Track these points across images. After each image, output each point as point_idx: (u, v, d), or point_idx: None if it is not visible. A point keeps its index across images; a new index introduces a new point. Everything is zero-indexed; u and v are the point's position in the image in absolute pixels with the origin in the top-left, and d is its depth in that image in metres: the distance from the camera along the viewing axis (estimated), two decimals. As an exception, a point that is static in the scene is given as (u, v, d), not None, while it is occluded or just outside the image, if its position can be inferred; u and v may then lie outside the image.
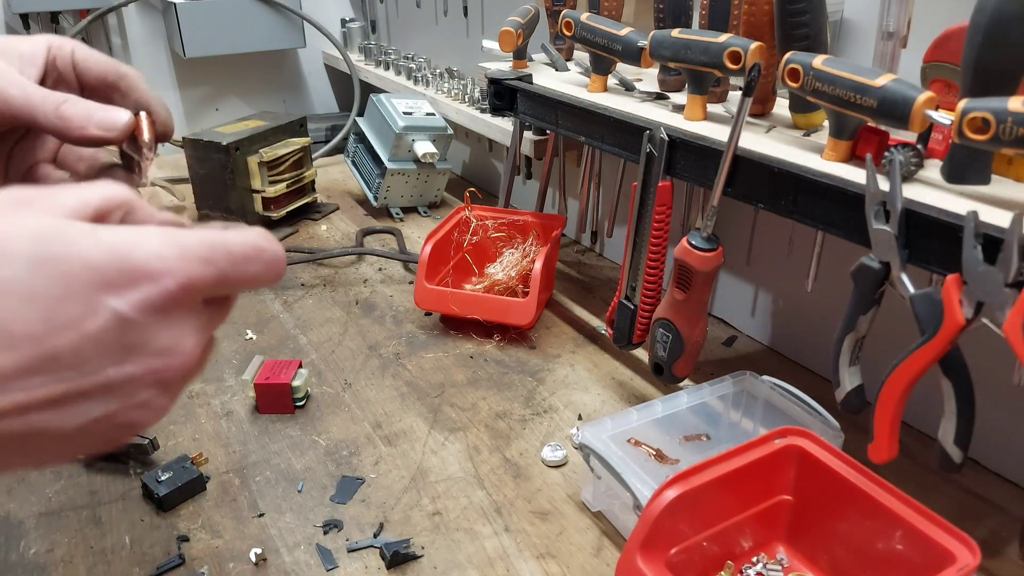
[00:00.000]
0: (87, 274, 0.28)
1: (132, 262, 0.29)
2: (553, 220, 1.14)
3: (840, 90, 0.63)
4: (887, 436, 0.60)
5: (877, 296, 0.62)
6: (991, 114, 0.53)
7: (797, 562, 0.66)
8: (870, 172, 0.60)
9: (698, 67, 0.78)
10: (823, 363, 0.95)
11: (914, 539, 0.57)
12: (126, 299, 0.28)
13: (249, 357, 0.96)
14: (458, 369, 0.99)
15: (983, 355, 0.60)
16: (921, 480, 0.75)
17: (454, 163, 1.72)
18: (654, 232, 0.83)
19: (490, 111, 1.05)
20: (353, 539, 0.72)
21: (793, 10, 0.71)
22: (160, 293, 0.29)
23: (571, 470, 0.80)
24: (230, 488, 0.79)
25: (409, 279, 1.23)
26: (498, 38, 1.02)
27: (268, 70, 2.05)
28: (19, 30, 1.75)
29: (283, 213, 1.41)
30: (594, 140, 0.90)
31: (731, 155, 0.71)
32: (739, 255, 0.99)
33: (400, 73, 1.71)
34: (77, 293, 0.27)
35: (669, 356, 0.82)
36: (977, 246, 0.54)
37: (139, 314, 0.29)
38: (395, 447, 0.84)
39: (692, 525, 0.62)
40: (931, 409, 0.62)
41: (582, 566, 0.68)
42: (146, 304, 0.29)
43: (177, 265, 0.30)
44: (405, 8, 1.82)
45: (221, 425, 0.88)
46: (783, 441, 0.65)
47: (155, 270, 0.29)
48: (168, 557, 0.70)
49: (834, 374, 0.66)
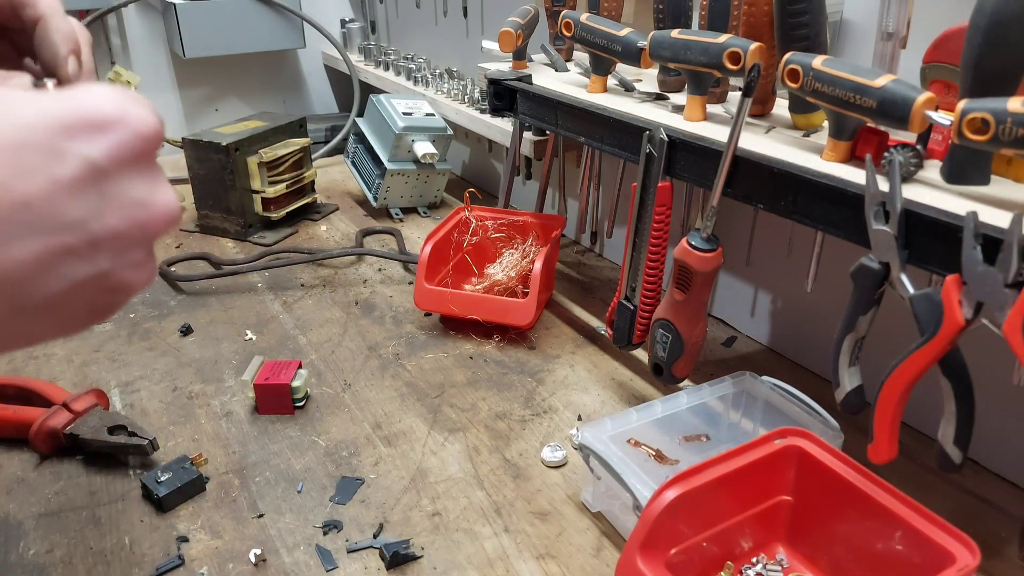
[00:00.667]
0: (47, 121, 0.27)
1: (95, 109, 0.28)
2: (553, 220, 1.14)
3: (840, 91, 0.63)
4: (887, 436, 0.60)
5: (877, 296, 0.62)
6: (991, 115, 0.53)
7: (797, 562, 0.66)
8: (870, 172, 0.60)
9: (698, 67, 0.78)
10: (823, 363, 0.95)
11: (914, 539, 0.57)
12: (95, 145, 0.27)
13: (249, 358, 0.96)
14: (458, 369, 0.99)
15: (983, 355, 0.60)
16: (921, 480, 0.75)
17: (454, 163, 1.72)
18: (654, 232, 0.83)
19: (490, 111, 1.05)
20: (353, 540, 0.72)
21: (793, 10, 0.71)
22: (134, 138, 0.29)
23: (571, 470, 0.80)
24: (230, 489, 0.79)
25: (409, 279, 1.23)
26: (498, 38, 1.02)
27: (268, 70, 2.05)
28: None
29: (283, 213, 1.41)
30: (594, 141, 0.90)
31: (731, 155, 0.71)
32: (739, 255, 0.99)
33: (400, 73, 1.71)
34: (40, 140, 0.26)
35: (669, 356, 0.82)
36: (977, 246, 0.54)
37: (111, 162, 0.28)
38: (395, 447, 0.84)
39: (692, 525, 0.62)
40: (931, 409, 0.62)
41: (582, 567, 0.68)
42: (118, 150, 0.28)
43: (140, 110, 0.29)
44: (405, 8, 1.82)
45: (221, 426, 0.88)
46: (783, 441, 0.65)
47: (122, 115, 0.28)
48: (168, 558, 0.70)
49: (834, 374, 0.66)
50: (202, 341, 1.06)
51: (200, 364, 1.01)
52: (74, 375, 0.98)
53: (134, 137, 0.29)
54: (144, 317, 1.12)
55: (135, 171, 0.29)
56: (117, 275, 0.30)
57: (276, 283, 1.23)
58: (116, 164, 0.28)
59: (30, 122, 0.26)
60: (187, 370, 0.99)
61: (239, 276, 1.24)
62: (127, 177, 0.29)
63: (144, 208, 0.29)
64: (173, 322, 1.11)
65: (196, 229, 1.43)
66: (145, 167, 0.30)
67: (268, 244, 1.36)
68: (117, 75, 1.79)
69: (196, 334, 1.08)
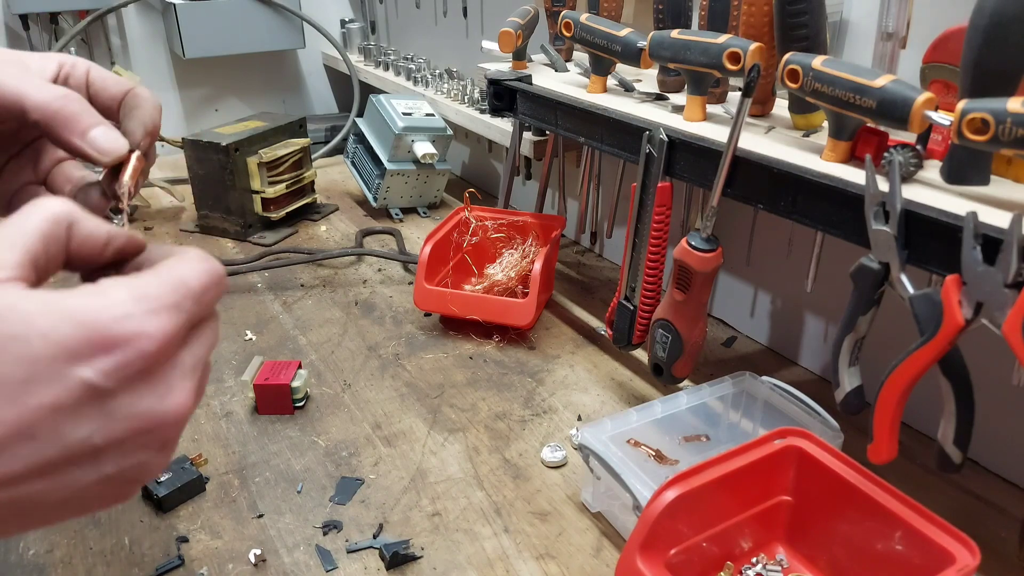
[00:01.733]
0: (51, 350, 0.27)
1: (100, 330, 0.28)
2: (553, 221, 1.14)
3: (839, 91, 0.63)
4: (887, 436, 0.60)
5: (877, 297, 0.62)
6: (990, 115, 0.53)
7: (797, 563, 0.66)
8: (869, 173, 0.60)
9: (697, 68, 0.78)
10: (823, 363, 0.95)
11: (914, 539, 0.57)
12: (94, 367, 0.28)
13: (248, 358, 0.96)
14: (458, 370, 0.99)
15: (983, 355, 0.60)
16: (921, 480, 0.75)
17: (454, 164, 1.72)
18: (654, 233, 0.83)
19: (490, 112, 1.05)
20: (352, 540, 0.72)
21: (793, 11, 0.71)
22: (137, 356, 0.29)
23: (571, 471, 0.80)
24: (230, 489, 0.79)
25: (409, 280, 1.23)
26: (498, 39, 1.02)
27: (268, 71, 2.05)
28: (19, 31, 1.75)
29: (282, 214, 1.41)
30: (594, 141, 0.90)
31: (731, 156, 0.71)
32: (739, 256, 0.99)
33: (400, 74, 1.71)
34: (43, 372, 0.27)
35: (669, 357, 0.82)
36: (976, 246, 0.54)
37: (111, 381, 0.28)
38: (395, 448, 0.84)
39: (692, 526, 0.62)
40: (931, 409, 0.62)
41: (582, 567, 0.68)
42: (122, 371, 0.28)
43: (149, 323, 0.29)
44: (405, 9, 1.82)
45: (221, 426, 0.88)
46: (783, 442, 0.65)
47: (126, 334, 0.28)
48: (167, 558, 0.70)
49: (834, 374, 0.66)
50: (202, 341, 1.06)
51: (200, 364, 1.00)
52: (74, 375, 0.98)
53: (140, 357, 0.29)
54: (144, 317, 1.12)
55: (139, 384, 0.29)
56: (124, 475, 0.30)
57: (276, 283, 1.23)
58: (118, 382, 0.28)
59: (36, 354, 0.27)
60: (187, 370, 0.99)
61: (239, 276, 1.24)
62: (130, 392, 0.29)
63: (148, 418, 0.30)
64: (173, 322, 1.10)
65: (196, 229, 1.43)
66: (151, 379, 0.30)
67: (268, 244, 1.36)
68: (117, 75, 1.79)
69: (196, 334, 1.08)
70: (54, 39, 1.77)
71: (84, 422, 0.28)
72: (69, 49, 1.74)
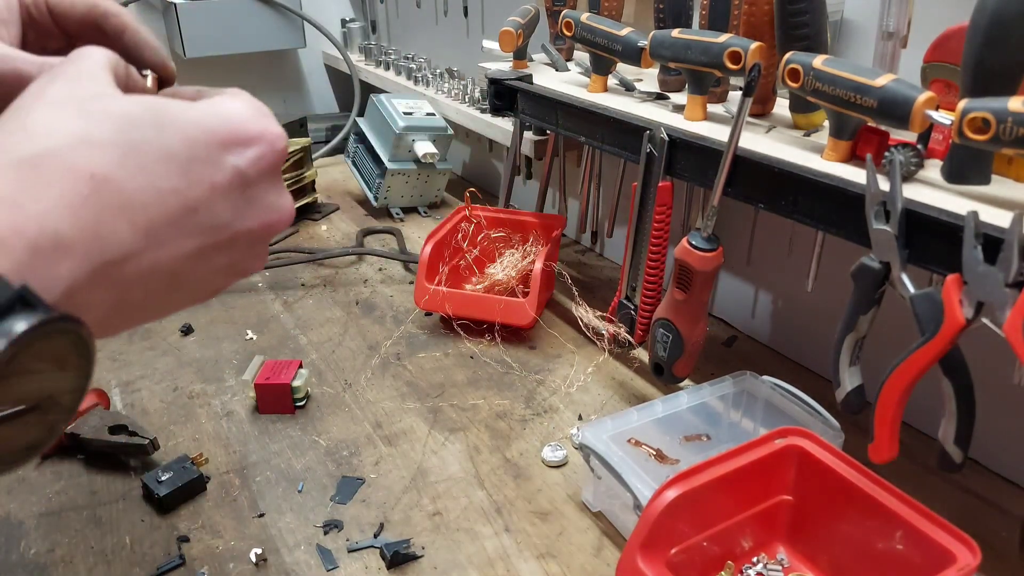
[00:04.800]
0: (206, 136, 0.31)
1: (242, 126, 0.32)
2: (553, 220, 1.14)
3: (840, 90, 0.63)
4: (887, 436, 0.60)
5: (877, 296, 0.62)
6: (991, 114, 0.53)
7: (797, 562, 0.66)
8: (870, 172, 0.60)
9: (698, 67, 0.78)
10: (823, 363, 0.95)
11: (914, 539, 0.57)
12: (244, 157, 0.32)
13: (249, 357, 0.96)
14: (458, 369, 0.99)
15: (983, 355, 0.60)
16: (921, 480, 0.75)
17: (454, 163, 1.72)
18: (654, 232, 0.83)
19: (490, 111, 1.05)
20: (353, 539, 0.72)
21: (793, 10, 0.71)
22: (271, 152, 0.33)
23: (571, 470, 0.80)
24: (230, 488, 0.79)
25: (409, 279, 1.23)
26: (498, 38, 1.02)
27: (268, 70, 2.05)
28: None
29: (283, 213, 1.40)
30: (594, 140, 0.90)
31: (731, 155, 0.71)
32: (739, 255, 0.99)
33: (400, 73, 1.71)
34: (202, 152, 0.31)
35: (669, 356, 0.82)
36: (977, 246, 0.54)
37: (255, 172, 0.33)
38: (395, 447, 0.84)
39: (692, 525, 0.62)
40: (931, 409, 0.62)
41: (582, 566, 0.68)
42: (261, 162, 0.33)
43: (273, 124, 0.34)
44: (405, 8, 1.82)
45: (221, 425, 0.88)
46: (783, 441, 0.65)
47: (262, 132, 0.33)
48: (168, 557, 0.70)
49: (834, 374, 0.66)
50: (203, 341, 1.06)
51: (201, 364, 1.01)
52: (75, 375, 0.98)
53: (272, 151, 0.34)
54: (145, 317, 1.12)
55: (269, 179, 0.34)
56: (243, 264, 0.35)
57: (277, 283, 1.23)
58: (258, 174, 0.33)
59: (193, 135, 0.31)
60: (188, 370, 0.99)
61: (240, 276, 1.24)
62: (264, 184, 0.34)
63: (273, 211, 0.35)
64: (174, 322, 1.11)
65: (197, 229, 1.42)
66: (276, 175, 0.35)
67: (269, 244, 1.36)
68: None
69: (197, 334, 1.08)
70: (55, 39, 1.77)
71: (230, 204, 0.32)
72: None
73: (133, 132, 0.29)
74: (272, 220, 0.35)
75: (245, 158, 0.32)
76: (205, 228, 0.31)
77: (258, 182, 0.33)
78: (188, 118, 0.31)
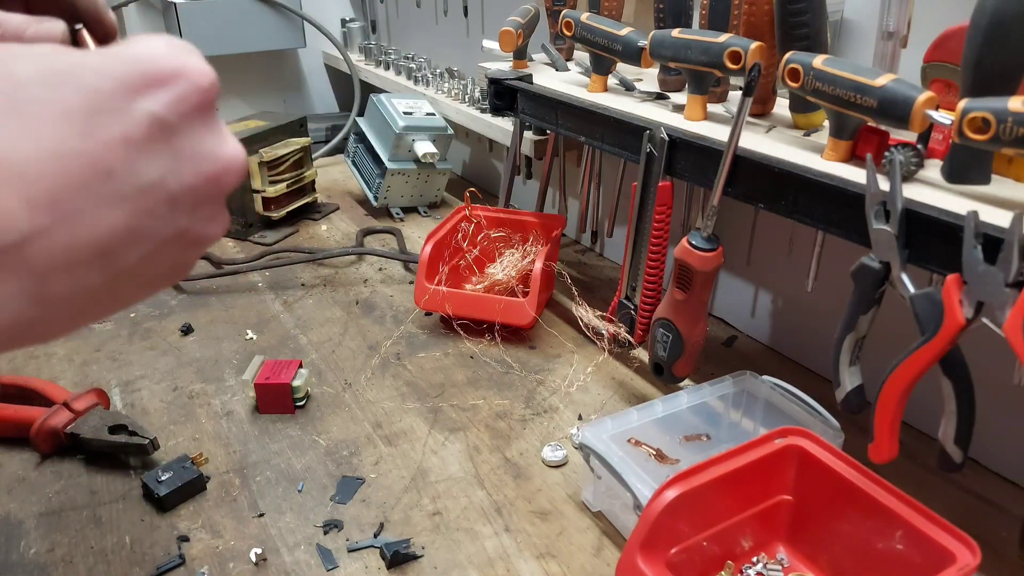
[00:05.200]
0: (110, 84, 0.27)
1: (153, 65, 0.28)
2: (553, 220, 1.14)
3: (840, 90, 0.63)
4: (887, 436, 0.60)
5: (877, 296, 0.62)
6: (991, 114, 0.53)
7: (797, 562, 0.66)
8: (870, 172, 0.60)
9: (698, 67, 0.78)
10: (823, 363, 0.95)
11: (914, 539, 0.57)
12: (158, 101, 0.28)
13: (249, 357, 0.96)
14: (458, 369, 0.99)
15: (983, 355, 0.60)
16: (921, 480, 0.75)
17: (454, 163, 1.72)
18: (654, 232, 0.83)
19: (490, 111, 1.05)
20: (353, 539, 0.72)
21: (793, 10, 0.71)
22: (196, 90, 0.29)
23: (571, 470, 0.80)
24: (230, 488, 0.79)
25: (409, 279, 1.23)
26: (498, 38, 1.02)
27: (268, 70, 2.04)
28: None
29: (283, 213, 1.41)
30: (594, 140, 0.90)
31: (731, 155, 0.71)
32: (739, 255, 0.99)
33: (400, 73, 1.71)
34: (106, 103, 0.26)
35: (669, 356, 0.82)
36: (977, 246, 0.54)
37: (177, 115, 0.28)
38: (395, 447, 0.84)
39: (692, 525, 0.62)
40: (931, 409, 0.62)
41: (582, 566, 0.68)
42: (182, 103, 0.28)
43: (195, 60, 0.29)
44: (405, 8, 1.82)
45: (221, 425, 0.88)
46: (783, 441, 0.65)
47: (178, 68, 0.28)
48: (168, 557, 0.70)
49: (834, 374, 0.66)
50: (203, 340, 1.06)
51: (201, 363, 1.01)
52: (75, 374, 0.98)
53: (195, 89, 0.29)
54: (145, 316, 1.12)
55: (199, 124, 0.29)
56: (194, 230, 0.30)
57: (277, 282, 1.23)
58: (181, 117, 0.28)
59: (94, 85, 0.26)
60: (188, 369, 0.99)
61: (240, 275, 1.24)
62: (193, 130, 0.29)
63: (214, 161, 0.30)
64: (174, 321, 1.11)
65: (197, 229, 1.42)
66: (208, 119, 0.30)
67: (269, 244, 1.36)
68: None
69: (197, 333, 1.08)
70: (55, 38, 1.77)
71: (155, 159, 0.28)
72: (70, 48, 1.74)
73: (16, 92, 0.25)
74: (214, 171, 0.30)
75: (159, 101, 0.27)
76: (128, 193, 0.27)
77: (184, 128, 0.28)
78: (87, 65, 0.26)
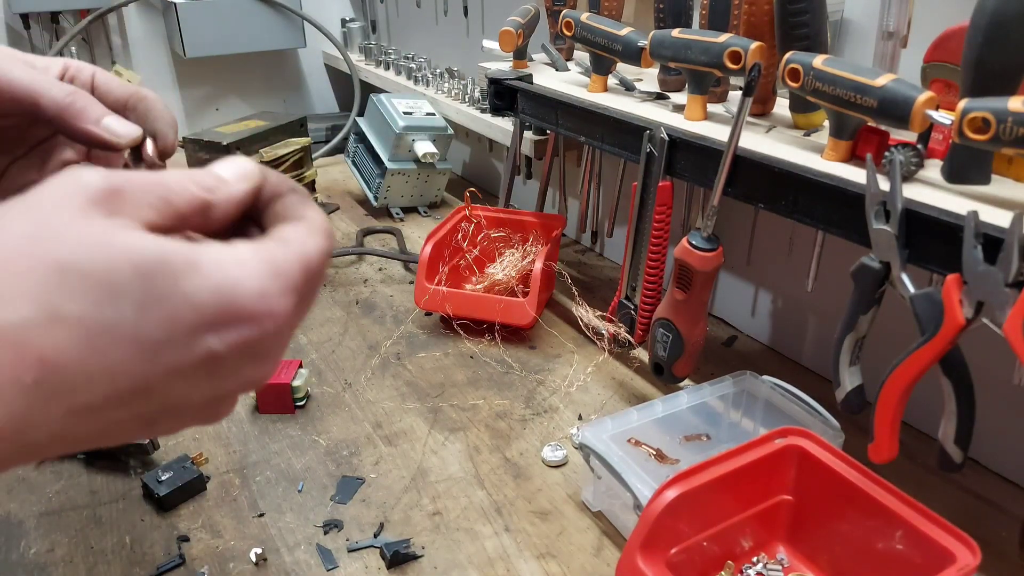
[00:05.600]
0: (191, 316, 0.27)
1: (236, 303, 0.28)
2: (553, 220, 1.14)
3: (840, 90, 0.63)
4: (887, 436, 0.60)
5: (877, 296, 0.62)
6: (991, 114, 0.53)
7: (797, 562, 0.66)
8: (870, 172, 0.60)
9: (698, 67, 0.78)
10: (823, 363, 0.95)
11: (914, 539, 0.57)
12: (221, 338, 0.28)
13: (249, 357, 0.96)
14: (458, 369, 0.99)
15: (983, 355, 0.60)
16: (921, 480, 0.75)
17: (454, 163, 1.72)
18: (654, 232, 0.83)
19: (490, 111, 1.05)
20: (353, 539, 0.72)
21: (793, 10, 0.71)
22: (258, 335, 0.29)
23: (571, 470, 0.80)
24: (230, 488, 0.79)
25: (409, 279, 1.23)
26: (498, 38, 1.02)
27: (268, 70, 2.05)
28: (19, 30, 1.75)
29: (283, 213, 1.40)
30: (594, 140, 0.90)
31: (731, 155, 0.71)
32: (739, 255, 0.99)
33: (400, 73, 1.71)
34: (180, 337, 0.27)
35: (669, 356, 0.82)
36: (977, 246, 0.54)
37: (232, 351, 0.28)
38: (395, 447, 0.84)
39: (692, 525, 0.62)
40: (931, 409, 0.62)
41: (582, 566, 0.68)
42: (241, 344, 0.28)
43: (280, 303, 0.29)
44: (405, 8, 1.82)
45: (221, 425, 0.88)
46: (783, 441, 0.65)
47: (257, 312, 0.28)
48: (168, 557, 0.70)
49: (834, 374, 0.66)
50: (203, 340, 1.06)
51: (201, 363, 1.01)
52: (75, 374, 0.98)
53: (261, 336, 0.29)
54: (145, 316, 1.12)
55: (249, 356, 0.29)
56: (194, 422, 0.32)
57: (277, 282, 1.23)
58: (237, 353, 0.29)
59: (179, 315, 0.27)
60: (188, 369, 0.99)
61: (240, 275, 1.24)
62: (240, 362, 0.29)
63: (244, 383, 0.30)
64: (174, 321, 1.11)
65: (197, 228, 1.42)
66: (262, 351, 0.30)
67: (269, 243, 1.36)
68: (118, 74, 1.79)
69: (197, 333, 1.08)
70: (55, 38, 1.77)
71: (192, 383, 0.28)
72: (70, 48, 1.74)
73: (108, 309, 0.25)
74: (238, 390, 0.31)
75: (224, 340, 0.28)
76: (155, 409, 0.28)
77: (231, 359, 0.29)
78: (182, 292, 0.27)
